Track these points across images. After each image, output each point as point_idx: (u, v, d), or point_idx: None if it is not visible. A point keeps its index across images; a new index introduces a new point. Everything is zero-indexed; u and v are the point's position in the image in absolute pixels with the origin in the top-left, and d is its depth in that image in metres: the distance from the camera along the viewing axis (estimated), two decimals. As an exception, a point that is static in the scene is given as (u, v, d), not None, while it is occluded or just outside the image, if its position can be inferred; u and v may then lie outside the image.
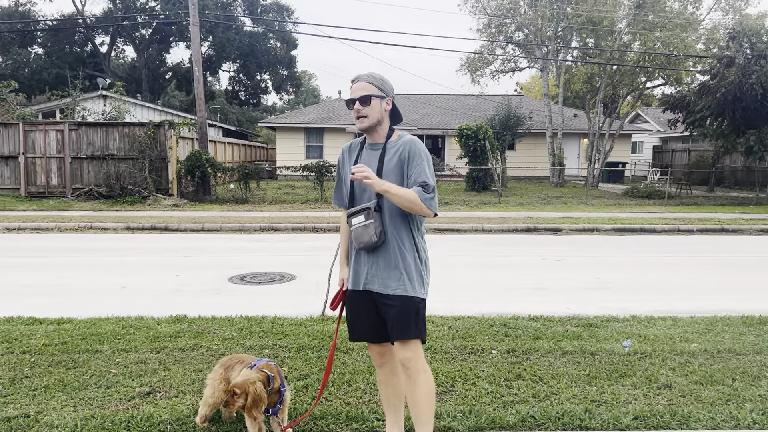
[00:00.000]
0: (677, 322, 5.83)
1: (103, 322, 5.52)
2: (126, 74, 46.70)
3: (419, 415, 2.95)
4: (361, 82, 3.00)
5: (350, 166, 3.08)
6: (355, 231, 2.97)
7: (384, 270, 2.96)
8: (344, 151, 3.23)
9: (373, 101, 2.98)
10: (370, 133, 3.07)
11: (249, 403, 3.05)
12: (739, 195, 24.11)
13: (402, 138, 3.05)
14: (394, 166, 2.97)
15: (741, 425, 3.57)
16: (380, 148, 3.04)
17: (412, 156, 2.95)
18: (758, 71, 18.26)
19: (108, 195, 17.78)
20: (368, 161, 3.03)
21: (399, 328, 2.92)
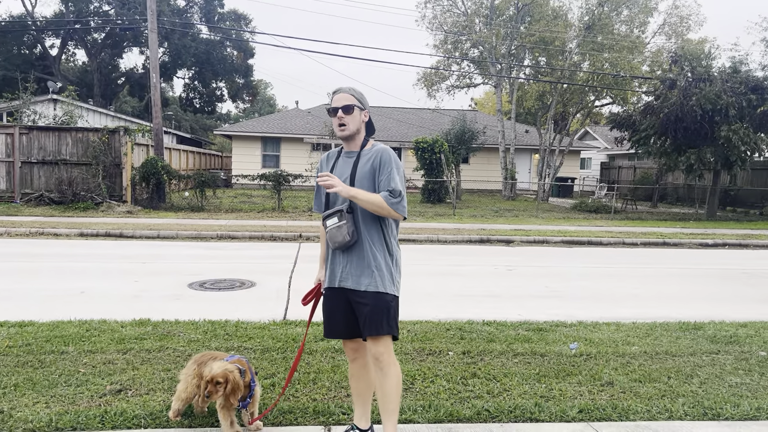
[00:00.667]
0: (620, 327, 6.23)
1: (66, 325, 5.56)
2: (77, 78, 45.66)
3: (387, 404, 3.19)
4: (343, 93, 3.25)
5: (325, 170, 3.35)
6: (330, 232, 3.17)
7: (357, 268, 3.18)
8: (322, 161, 3.47)
9: (355, 111, 3.23)
10: (348, 141, 3.31)
11: (228, 390, 3.23)
12: (680, 210, 25.26)
13: (375, 147, 3.31)
14: (366, 173, 3.20)
15: (674, 417, 3.93)
16: (355, 155, 3.29)
17: (383, 163, 3.19)
18: (698, 94, 19.29)
19: (60, 201, 17.43)
20: (343, 168, 3.27)
21: (371, 324, 3.12)
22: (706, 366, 4.98)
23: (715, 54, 21.55)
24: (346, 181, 3.20)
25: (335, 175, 3.23)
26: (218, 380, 3.25)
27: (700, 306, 7.77)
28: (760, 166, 25.63)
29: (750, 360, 5.18)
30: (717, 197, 23.02)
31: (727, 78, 19.85)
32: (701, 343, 5.66)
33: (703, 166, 20.48)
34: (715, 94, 19.11)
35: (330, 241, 3.21)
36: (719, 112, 19.22)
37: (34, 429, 3.43)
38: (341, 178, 3.21)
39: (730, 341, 5.76)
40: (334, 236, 3.16)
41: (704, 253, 13.81)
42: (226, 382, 3.25)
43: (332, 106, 3.25)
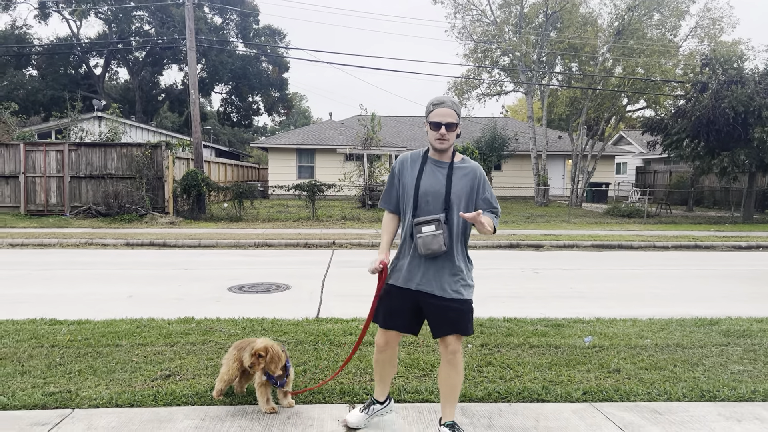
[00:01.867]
0: (636, 323, 6.50)
1: (118, 323, 6.11)
2: (120, 95, 47.43)
3: (454, 394, 3.52)
4: (447, 108, 3.37)
5: (412, 175, 3.51)
6: (424, 238, 3.34)
7: (441, 275, 3.42)
8: (404, 161, 3.61)
9: (456, 128, 3.42)
10: (441, 153, 3.49)
11: (268, 359, 3.72)
12: (716, 214, 25.00)
13: (467, 162, 3.51)
14: (463, 188, 3.42)
15: (672, 398, 4.24)
16: (446, 167, 3.46)
17: (485, 183, 3.47)
18: (729, 96, 19.21)
19: (106, 213, 18.35)
20: (434, 177, 3.45)
21: (458, 326, 3.40)
22: (713, 356, 5.24)
23: (747, 55, 21.43)
24: (441, 191, 3.40)
25: (425, 183, 3.43)
26: (260, 353, 3.74)
27: (721, 305, 7.94)
28: (799, 167, 25.16)
29: (758, 351, 5.41)
30: (753, 200, 22.76)
31: (760, 79, 19.73)
32: (713, 337, 5.90)
33: (737, 168, 20.32)
34: (748, 96, 19.01)
35: (423, 247, 3.35)
36: (752, 114, 19.11)
37: (97, 405, 3.95)
38: (433, 188, 3.41)
39: (743, 335, 5.98)
40: (429, 244, 3.33)
41: (736, 255, 13.81)
42: (267, 353, 3.74)
43: (435, 120, 3.37)
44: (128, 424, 3.69)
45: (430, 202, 3.42)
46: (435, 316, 3.44)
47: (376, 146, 25.85)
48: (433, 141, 3.44)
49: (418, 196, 3.44)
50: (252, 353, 3.74)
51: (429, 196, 3.43)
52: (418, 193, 3.45)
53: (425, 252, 3.35)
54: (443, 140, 3.40)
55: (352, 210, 23.12)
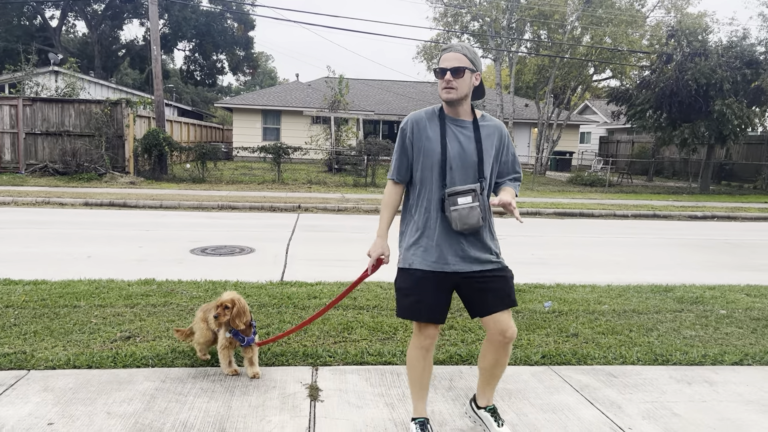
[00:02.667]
0: (595, 289, 6.65)
1: (76, 284, 5.98)
2: (78, 50, 45.68)
3: (499, 377, 3.20)
4: (454, 52, 2.91)
5: (433, 137, 2.97)
6: (459, 211, 2.87)
7: (479, 250, 2.99)
8: (417, 121, 3.04)
9: (465, 74, 2.90)
10: (454, 106, 2.97)
11: (234, 312, 3.70)
12: (675, 185, 25.60)
13: (488, 119, 3.06)
14: (489, 149, 3.00)
15: (627, 362, 4.37)
16: (470, 126, 3.00)
17: (508, 143, 3.09)
18: (693, 68, 19.50)
19: (63, 171, 17.83)
20: (460, 140, 2.96)
21: (507, 298, 2.99)
22: (667, 322, 5.40)
23: (712, 28, 21.69)
24: (470, 156, 2.94)
25: (452, 147, 2.94)
26: (227, 305, 3.71)
27: (676, 272, 8.18)
28: (755, 140, 25.87)
29: (709, 317, 5.60)
30: (711, 171, 23.35)
31: (723, 52, 20.04)
32: (668, 303, 6.08)
33: (697, 140, 20.75)
34: (710, 69, 19.32)
35: (459, 222, 2.88)
36: (714, 87, 19.46)
37: (54, 366, 3.88)
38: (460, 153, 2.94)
39: (696, 301, 6.18)
40: (465, 218, 2.86)
41: (692, 225, 14.20)
42: (233, 306, 3.72)
43: (440, 67, 2.91)
44: (86, 386, 3.64)
45: (458, 169, 2.93)
46: (480, 295, 2.98)
47: (343, 109, 25.57)
48: (440, 92, 2.95)
49: (445, 161, 2.93)
50: (218, 304, 3.72)
51: (457, 162, 2.93)
52: (447, 158, 2.93)
53: (461, 227, 2.88)
54: (449, 88, 2.89)
55: (319, 174, 22.95)
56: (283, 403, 3.52)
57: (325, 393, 3.70)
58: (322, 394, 3.67)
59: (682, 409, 3.65)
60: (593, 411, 3.59)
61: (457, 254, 2.95)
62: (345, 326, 4.91)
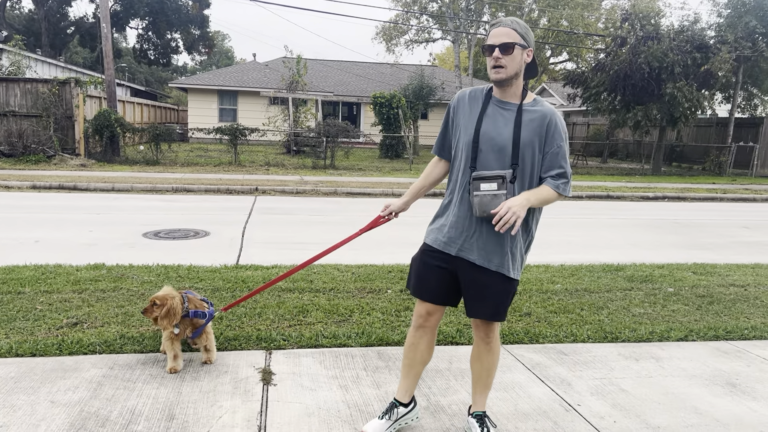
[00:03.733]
0: (548, 269, 6.77)
1: (21, 269, 5.78)
2: (23, 27, 43.83)
3: (488, 378, 3.04)
4: (503, 27, 2.68)
5: (471, 117, 2.82)
6: (481, 197, 2.67)
7: (490, 243, 2.78)
8: (462, 98, 2.91)
9: (515, 51, 2.66)
10: (502, 87, 2.77)
11: (162, 313, 3.55)
12: (628, 166, 26.19)
13: (540, 105, 2.79)
14: (530, 137, 2.73)
15: (577, 340, 4.46)
16: (514, 109, 2.76)
17: (555, 134, 2.74)
18: (646, 51, 19.88)
19: (9, 153, 17.15)
20: (497, 122, 2.76)
21: (492, 307, 2.84)
22: (618, 300, 5.54)
23: (665, 12, 22.15)
24: (505, 140, 2.72)
25: (486, 127, 2.76)
26: (156, 302, 3.58)
27: (627, 251, 8.38)
28: (705, 123, 26.63)
29: (658, 295, 5.76)
30: (662, 153, 23.94)
31: (674, 36, 20.47)
32: (619, 282, 6.23)
33: (650, 122, 21.24)
34: (662, 52, 19.73)
35: (478, 208, 2.70)
36: (665, 70, 19.89)
37: (-5, 355, 3.74)
38: (496, 135, 2.73)
39: (645, 280, 6.35)
40: (486, 204, 2.66)
41: (644, 205, 14.57)
42: (163, 305, 3.58)
43: (488, 43, 2.70)
44: (29, 374, 3.52)
45: (489, 152, 2.74)
46: (472, 291, 2.86)
47: (301, 90, 25.26)
48: (489, 71, 2.73)
49: (477, 141, 2.76)
50: (151, 299, 3.60)
51: (488, 144, 2.75)
52: (479, 139, 2.76)
53: (480, 214, 2.70)
54: (498, 67, 2.68)
55: (277, 156, 22.67)
56: (235, 388, 3.48)
57: (278, 377, 3.66)
58: (276, 378, 3.64)
59: (629, 385, 3.75)
60: (544, 389, 3.66)
61: (467, 240, 2.81)
62: (300, 309, 4.88)
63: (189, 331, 3.71)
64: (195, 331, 3.74)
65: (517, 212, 2.55)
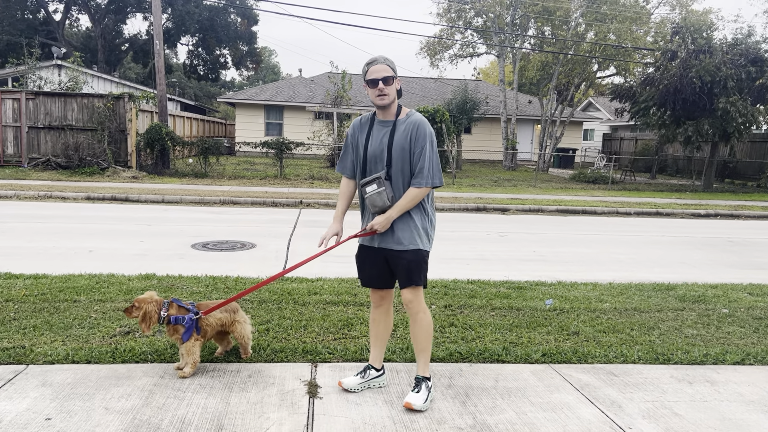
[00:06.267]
0: (596, 287, 6.63)
1: (77, 278, 5.98)
2: (81, 44, 45.63)
3: (418, 344, 3.60)
4: (380, 64, 3.38)
5: (362, 139, 3.54)
6: (369, 198, 3.43)
7: (398, 230, 3.46)
8: (355, 126, 3.64)
9: (394, 82, 3.40)
10: (384, 110, 3.48)
11: (140, 317, 3.69)
12: (678, 182, 25.51)
13: (411, 116, 3.48)
14: (402, 143, 3.41)
15: (628, 361, 4.34)
16: (390, 125, 3.47)
17: (418, 137, 3.40)
18: (697, 65, 19.40)
19: (66, 165, 17.82)
20: (379, 136, 3.47)
21: (407, 277, 3.47)
22: (669, 320, 5.38)
23: (717, 25, 21.61)
24: (383, 152, 3.42)
25: (372, 144, 3.46)
26: (135, 304, 3.72)
27: (678, 270, 8.15)
28: (759, 138, 25.77)
29: (711, 316, 5.58)
30: (714, 169, 23.25)
31: (727, 50, 19.93)
32: (670, 302, 6.06)
33: (701, 137, 20.67)
34: (715, 66, 19.22)
35: (370, 206, 3.46)
36: (718, 84, 19.36)
37: (53, 361, 3.87)
38: (379, 148, 3.44)
39: (698, 300, 6.15)
40: (375, 201, 3.41)
41: (695, 222, 14.15)
42: (139, 309, 3.70)
43: (371, 78, 3.38)
44: (84, 381, 3.63)
45: (377, 162, 3.47)
46: (396, 270, 3.52)
47: (346, 105, 25.52)
48: (374, 99, 3.43)
49: (366, 158, 3.50)
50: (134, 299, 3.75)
51: (376, 156, 3.47)
52: (367, 156, 3.50)
53: (373, 210, 3.46)
54: (383, 95, 3.39)
55: (321, 169, 22.92)
56: (281, 400, 3.51)
57: (324, 390, 3.68)
58: (321, 391, 3.66)
59: (683, 409, 3.63)
60: (593, 410, 3.57)
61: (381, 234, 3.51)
62: (345, 323, 4.90)
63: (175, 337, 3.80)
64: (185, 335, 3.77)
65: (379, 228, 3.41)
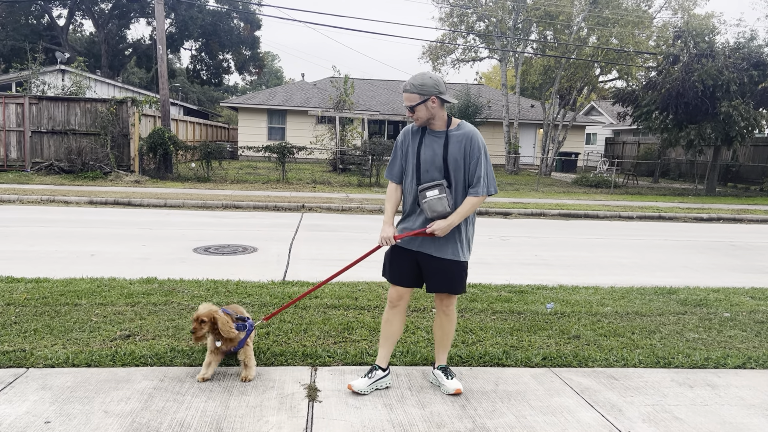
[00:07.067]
0: (598, 290, 6.62)
1: (78, 282, 5.99)
2: (85, 49, 45.82)
3: (447, 342, 3.89)
4: (405, 93, 3.58)
5: (412, 147, 3.69)
6: (429, 202, 3.54)
7: (443, 239, 3.62)
8: (406, 133, 3.78)
9: (418, 108, 3.56)
10: (433, 125, 3.65)
11: (220, 326, 3.66)
12: (681, 186, 25.47)
13: (462, 128, 3.64)
14: (457, 155, 3.58)
15: (628, 364, 4.34)
16: (442, 136, 3.63)
17: (473, 149, 3.57)
18: (699, 69, 19.37)
19: (69, 170, 17.87)
20: (432, 147, 3.62)
21: (452, 285, 3.70)
22: (670, 324, 5.37)
23: (719, 29, 21.58)
24: (439, 159, 3.57)
25: (424, 153, 3.61)
26: (202, 318, 3.66)
27: (680, 274, 8.13)
28: (762, 142, 25.72)
29: (713, 320, 5.56)
30: (717, 173, 23.20)
31: (730, 54, 19.91)
32: (671, 305, 6.04)
33: (703, 141, 20.63)
34: (717, 70, 19.20)
35: (429, 211, 3.56)
36: (720, 88, 19.33)
37: (53, 364, 3.88)
38: (432, 157, 3.59)
39: (699, 304, 6.13)
40: (435, 206, 3.53)
41: (698, 226, 14.12)
42: (211, 321, 3.67)
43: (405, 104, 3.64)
44: (84, 384, 3.63)
45: (429, 171, 3.61)
46: (432, 274, 3.68)
47: (348, 109, 25.55)
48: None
49: (419, 165, 3.64)
50: (194, 318, 3.67)
51: (428, 164, 3.61)
52: (420, 162, 3.64)
53: (431, 215, 3.55)
54: (414, 119, 3.63)
55: (323, 174, 22.95)
56: (281, 404, 3.51)
57: (323, 393, 3.68)
58: (321, 395, 3.66)
59: (684, 413, 3.62)
60: (593, 414, 3.56)
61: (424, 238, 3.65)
62: (345, 326, 4.90)
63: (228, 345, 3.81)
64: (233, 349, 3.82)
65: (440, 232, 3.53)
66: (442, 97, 3.57)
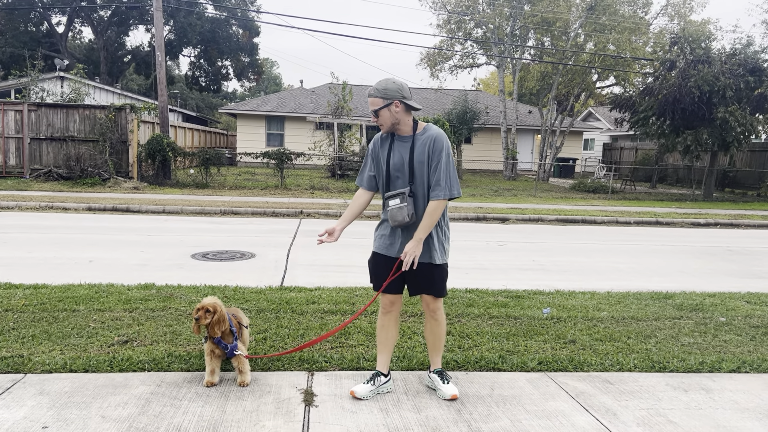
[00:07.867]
0: (594, 295, 6.64)
1: (76, 288, 6.01)
2: (84, 56, 45.92)
3: (439, 344, 3.91)
4: (369, 97, 3.62)
5: (383, 154, 3.71)
6: (391, 211, 3.59)
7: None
8: (376, 142, 3.81)
9: (381, 112, 3.59)
10: (399, 129, 3.66)
11: (215, 320, 3.70)
12: (678, 191, 25.53)
13: (427, 131, 3.66)
14: (422, 157, 3.59)
15: (624, 369, 4.36)
16: (409, 140, 3.65)
17: (434, 151, 3.58)
18: (696, 75, 19.48)
19: (68, 176, 17.90)
20: (400, 152, 3.65)
21: (432, 288, 3.73)
22: (666, 329, 5.39)
23: (716, 35, 21.72)
24: (404, 165, 3.59)
25: (393, 159, 3.63)
26: (208, 308, 3.70)
27: (676, 279, 8.16)
28: (759, 147, 25.82)
29: (708, 324, 5.59)
30: (714, 178, 23.28)
31: (726, 60, 20.02)
32: (667, 310, 6.07)
33: (700, 147, 20.71)
34: (713, 76, 19.30)
35: (390, 219, 3.62)
36: (717, 94, 19.43)
37: (50, 370, 3.89)
38: (400, 163, 3.62)
39: (695, 308, 6.16)
40: (395, 215, 3.57)
41: (695, 232, 14.16)
42: (214, 312, 3.71)
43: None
44: (82, 390, 3.65)
45: (399, 177, 3.64)
46: (412, 279, 3.71)
47: (346, 115, 25.61)
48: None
49: (389, 172, 3.67)
50: (199, 307, 3.70)
51: (397, 170, 3.65)
52: (389, 170, 3.67)
53: (393, 224, 3.61)
54: (379, 124, 3.65)
55: (321, 179, 22.99)
56: (277, 408, 3.53)
57: (320, 398, 3.70)
58: (317, 399, 3.68)
59: (678, 417, 3.64)
60: (588, 417, 3.58)
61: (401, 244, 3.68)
62: (342, 331, 4.92)
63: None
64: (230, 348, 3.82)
65: (412, 253, 3.53)
66: (407, 102, 3.59)
